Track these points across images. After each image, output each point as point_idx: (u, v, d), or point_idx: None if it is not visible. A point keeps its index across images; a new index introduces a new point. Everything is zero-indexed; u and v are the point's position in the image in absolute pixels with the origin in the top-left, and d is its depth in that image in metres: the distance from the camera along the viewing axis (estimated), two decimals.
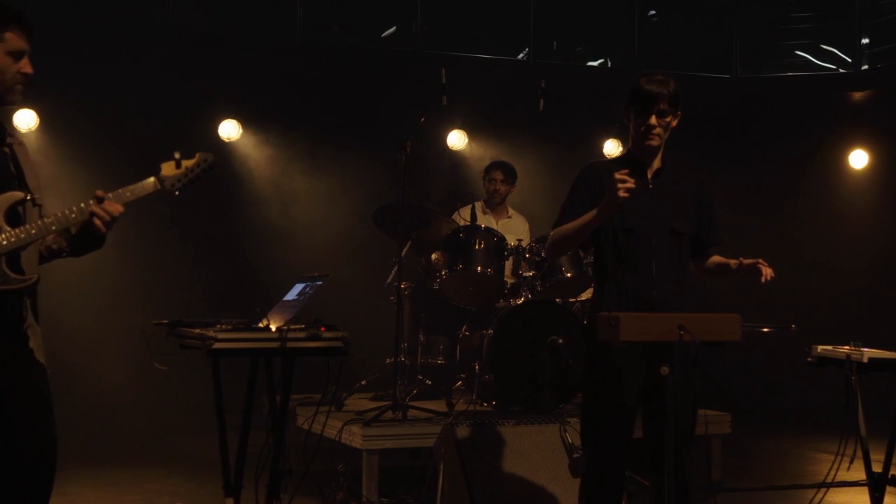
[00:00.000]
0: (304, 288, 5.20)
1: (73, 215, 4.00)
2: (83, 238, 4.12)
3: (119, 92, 10.06)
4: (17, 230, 3.90)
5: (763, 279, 4.66)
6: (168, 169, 4.25)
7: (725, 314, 4.38)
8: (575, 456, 6.21)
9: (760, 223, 11.79)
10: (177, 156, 4.26)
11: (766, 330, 8.32)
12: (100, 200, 4.03)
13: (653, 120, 4.70)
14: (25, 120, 9.58)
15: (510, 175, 9.08)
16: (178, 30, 10.68)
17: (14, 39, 3.97)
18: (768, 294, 4.71)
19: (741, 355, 8.68)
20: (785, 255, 10.30)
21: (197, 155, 4.33)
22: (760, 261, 4.69)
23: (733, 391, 9.54)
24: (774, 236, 11.68)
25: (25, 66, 4.01)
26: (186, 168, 4.27)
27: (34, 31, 4.05)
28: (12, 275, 3.89)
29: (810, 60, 12.43)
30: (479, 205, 8.86)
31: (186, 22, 10.84)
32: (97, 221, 4.01)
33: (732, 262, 4.79)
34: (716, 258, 4.94)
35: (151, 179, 4.20)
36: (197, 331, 4.92)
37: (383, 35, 11.89)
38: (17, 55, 3.98)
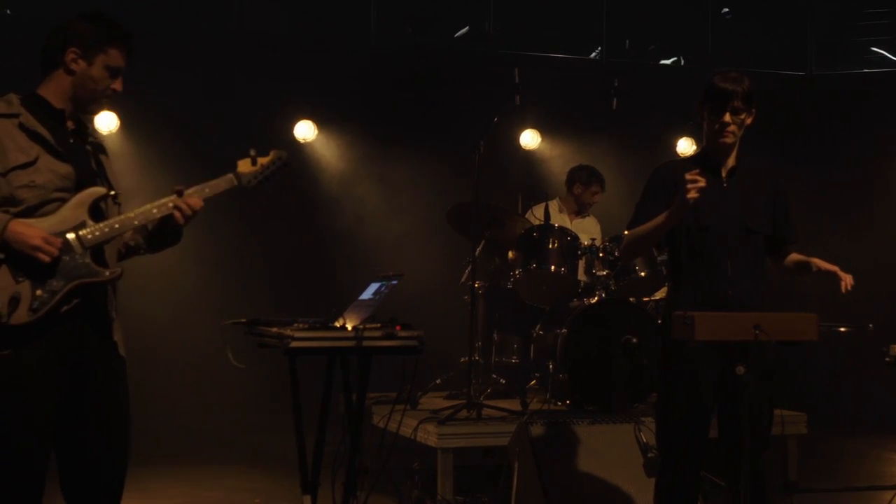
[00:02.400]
0: (380, 287, 5.23)
1: (155, 210, 4.11)
2: (161, 234, 4.26)
3: (196, 94, 10.18)
4: (100, 224, 4.01)
5: (843, 289, 4.62)
6: (244, 166, 4.35)
7: (801, 313, 4.35)
8: (650, 455, 6.19)
9: (837, 222, 11.62)
10: (252, 153, 4.37)
11: (843, 329, 8.22)
12: (180, 194, 4.14)
13: (727, 117, 4.68)
14: (106, 123, 9.74)
15: (604, 185, 9.05)
16: (253, 32, 10.79)
17: (116, 56, 4.11)
18: (846, 293, 4.65)
19: (818, 355, 8.59)
20: (862, 255, 10.18)
21: (272, 152, 4.43)
22: (838, 270, 4.66)
23: (810, 391, 9.43)
24: (851, 236, 11.51)
25: (118, 84, 4.15)
26: (262, 165, 4.37)
27: (134, 53, 4.18)
28: (98, 268, 3.99)
29: (886, 56, 12.24)
30: (553, 204, 8.86)
31: (261, 24, 10.96)
32: (177, 215, 4.13)
33: (813, 261, 4.76)
34: (795, 256, 4.90)
35: (229, 176, 4.31)
36: (274, 330, 4.98)
37: (456, 35, 11.91)
38: (113, 71, 4.11)
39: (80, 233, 3.95)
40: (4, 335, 3.81)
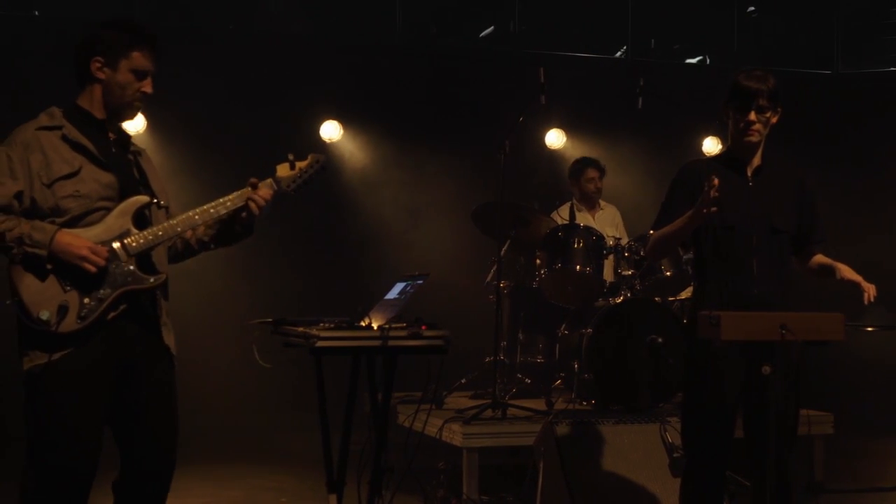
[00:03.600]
0: (406, 287, 5.25)
1: (227, 204, 4.22)
2: (230, 229, 4.37)
3: (222, 95, 10.21)
4: (144, 232, 4.09)
5: (866, 300, 4.61)
6: (283, 170, 4.41)
7: (828, 313, 4.33)
8: (675, 455, 6.18)
9: (864, 223, 11.55)
10: (290, 157, 4.42)
11: (869, 329, 8.19)
12: (254, 187, 4.24)
13: (752, 116, 4.67)
14: (134, 124, 9.78)
15: (602, 169, 9.06)
16: (279, 33, 10.84)
17: (140, 59, 4.15)
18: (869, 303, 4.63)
19: (844, 355, 8.55)
20: (889, 255, 10.14)
21: (310, 156, 4.49)
22: (862, 281, 4.64)
23: (836, 391, 9.40)
24: (878, 236, 11.45)
25: (147, 85, 4.19)
26: (300, 169, 4.42)
27: (161, 54, 4.22)
28: (142, 275, 4.07)
29: None
30: (573, 202, 8.88)
31: (287, 25, 11.00)
32: (252, 205, 4.24)
33: (838, 267, 4.75)
34: (820, 258, 4.88)
35: (268, 181, 4.34)
36: (300, 329, 5.01)
37: (481, 35, 11.93)
38: (140, 74, 4.16)
39: (125, 241, 4.04)
40: (54, 342, 3.89)
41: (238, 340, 5.80)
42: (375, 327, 4.93)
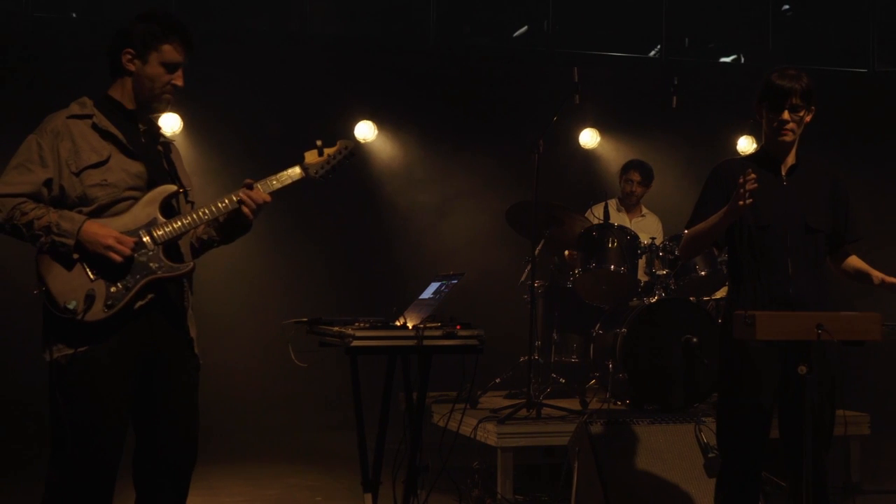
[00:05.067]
0: (440, 286, 5.26)
1: (223, 205, 4.20)
2: (231, 226, 4.34)
3: (258, 95, 10.26)
4: (171, 221, 4.10)
5: None
6: (311, 157, 4.42)
7: (865, 312, 4.30)
8: (710, 456, 6.17)
9: None
10: (319, 143, 4.45)
11: None
12: (249, 188, 4.23)
13: (785, 115, 4.66)
14: (170, 124, 9.85)
15: (647, 177, 9.04)
16: (315, 34, 10.88)
17: (170, 52, 4.16)
18: None
19: (881, 354, 8.50)
20: None
21: (338, 142, 4.52)
22: None
23: (872, 391, 9.34)
24: None
25: (177, 78, 4.20)
26: (328, 155, 4.44)
27: (193, 46, 4.22)
28: (171, 263, 4.09)
29: None
30: (612, 202, 8.87)
31: (322, 26, 11.04)
32: (245, 209, 4.23)
33: (875, 275, 4.73)
34: (856, 262, 4.86)
35: (297, 168, 4.38)
36: (336, 329, 5.03)
37: (515, 35, 11.93)
38: (170, 67, 4.17)
39: (152, 230, 4.05)
40: (81, 331, 3.91)
41: (274, 340, 5.82)
42: (410, 327, 4.95)
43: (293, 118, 10.27)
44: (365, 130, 10.76)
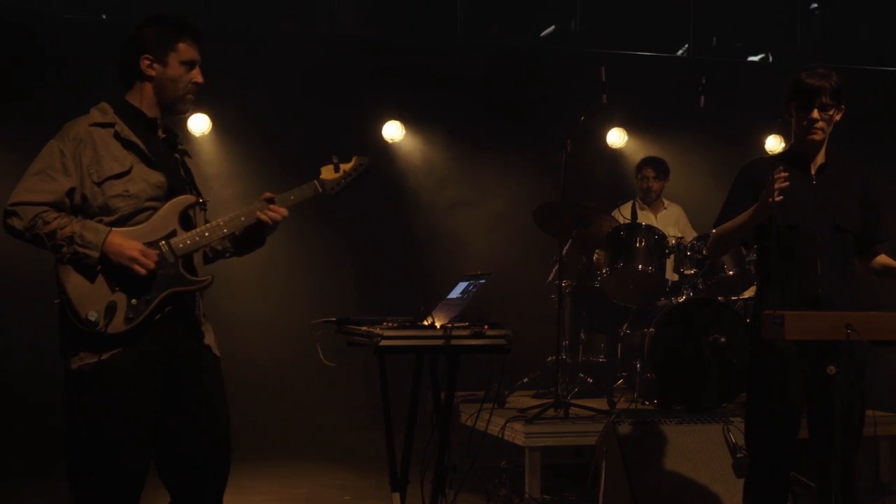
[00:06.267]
0: (468, 286, 5.27)
1: (243, 218, 4.19)
2: (247, 239, 4.34)
3: (285, 96, 10.29)
4: (191, 233, 4.10)
5: None
6: (327, 173, 4.43)
7: (894, 312, 4.29)
8: (739, 456, 6.16)
9: None
10: (335, 160, 4.44)
11: None
12: (269, 202, 4.23)
13: (815, 114, 4.64)
14: (199, 125, 9.90)
15: (662, 171, 9.06)
16: (342, 34, 10.91)
17: (186, 50, 4.17)
18: None
19: None
20: None
21: (354, 158, 4.50)
22: None
23: None
24: None
25: (197, 75, 4.21)
26: (344, 171, 4.45)
27: (204, 41, 4.24)
28: (189, 276, 4.08)
29: None
30: (636, 201, 8.87)
31: (350, 26, 11.07)
32: (267, 222, 4.22)
33: None
34: (885, 260, 4.84)
35: (313, 183, 4.38)
36: (364, 328, 5.05)
37: (542, 34, 11.91)
38: (189, 65, 4.18)
39: (172, 241, 4.04)
40: (102, 343, 3.90)
41: (302, 339, 5.84)
42: (438, 326, 4.95)
43: (321, 118, 10.29)
44: (392, 130, 10.78)
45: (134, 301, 3.94)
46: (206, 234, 4.11)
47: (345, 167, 4.46)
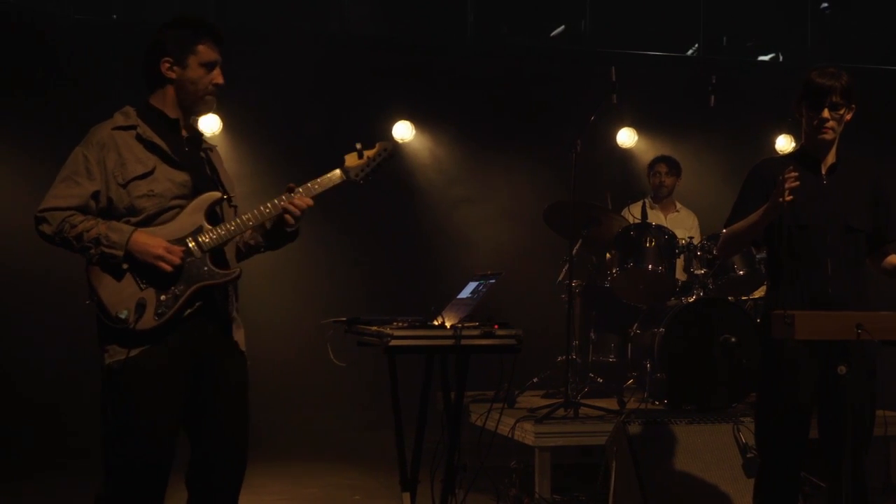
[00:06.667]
0: (478, 286, 5.27)
1: (268, 211, 4.24)
2: (278, 232, 4.37)
3: (296, 96, 10.31)
4: (217, 228, 4.15)
5: None
6: (351, 160, 4.45)
7: None
8: (749, 456, 6.15)
9: None
10: (359, 146, 4.47)
11: None
12: (291, 191, 4.26)
13: (825, 113, 4.64)
14: (209, 125, 9.91)
15: (674, 167, 9.07)
16: (353, 34, 10.91)
17: (206, 51, 4.21)
18: None
19: None
20: None
21: (377, 144, 4.54)
22: None
23: None
24: None
25: (217, 76, 4.25)
26: (368, 158, 4.47)
27: (223, 40, 4.26)
28: (217, 270, 4.13)
29: None
30: (647, 201, 8.86)
31: (360, 26, 11.08)
32: (287, 217, 4.26)
33: None
34: (894, 259, 4.83)
35: (337, 171, 4.41)
36: (374, 328, 5.05)
37: (552, 34, 11.91)
38: (209, 66, 4.22)
39: (199, 238, 4.10)
40: (132, 339, 3.96)
41: (312, 339, 5.84)
42: (448, 326, 4.96)
43: (332, 119, 10.31)
44: (403, 130, 10.79)
45: (163, 297, 4.01)
46: (233, 228, 4.18)
47: (368, 153, 4.49)
